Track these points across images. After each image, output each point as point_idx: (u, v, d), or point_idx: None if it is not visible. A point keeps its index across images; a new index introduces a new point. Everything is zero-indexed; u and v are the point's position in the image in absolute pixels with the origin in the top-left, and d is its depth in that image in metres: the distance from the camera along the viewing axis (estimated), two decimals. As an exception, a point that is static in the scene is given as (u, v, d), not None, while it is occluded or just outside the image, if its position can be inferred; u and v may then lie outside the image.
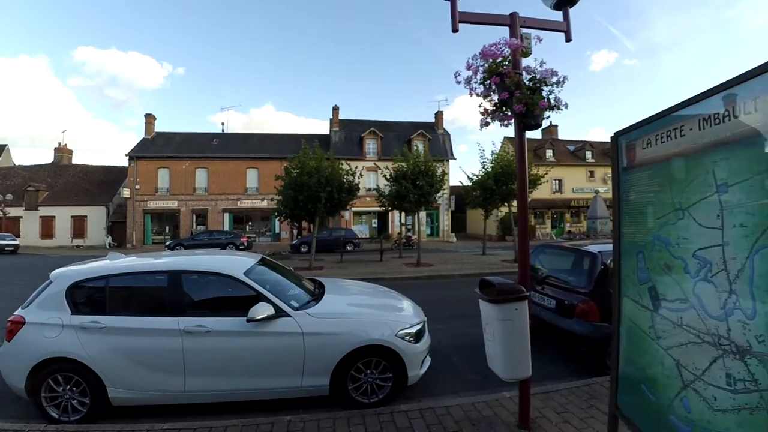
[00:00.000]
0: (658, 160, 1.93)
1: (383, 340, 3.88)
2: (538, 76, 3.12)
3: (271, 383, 3.80)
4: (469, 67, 3.18)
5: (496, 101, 3.20)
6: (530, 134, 3.46)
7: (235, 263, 4.32)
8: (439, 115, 36.92)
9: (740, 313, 1.45)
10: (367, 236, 30.63)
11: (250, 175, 32.98)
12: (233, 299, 4.03)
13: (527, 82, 3.14)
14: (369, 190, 27.33)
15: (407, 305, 4.68)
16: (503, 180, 15.41)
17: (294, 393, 3.85)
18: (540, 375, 4.59)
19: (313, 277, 5.58)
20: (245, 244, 25.25)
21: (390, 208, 16.30)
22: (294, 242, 24.97)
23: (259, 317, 3.62)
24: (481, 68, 3.18)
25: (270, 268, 4.96)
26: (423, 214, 32.87)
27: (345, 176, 14.50)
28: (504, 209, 18.93)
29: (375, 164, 30.36)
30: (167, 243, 26.31)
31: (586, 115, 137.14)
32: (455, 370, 4.95)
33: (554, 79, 3.10)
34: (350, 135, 34.26)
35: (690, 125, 1.70)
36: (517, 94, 2.94)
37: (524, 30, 3.37)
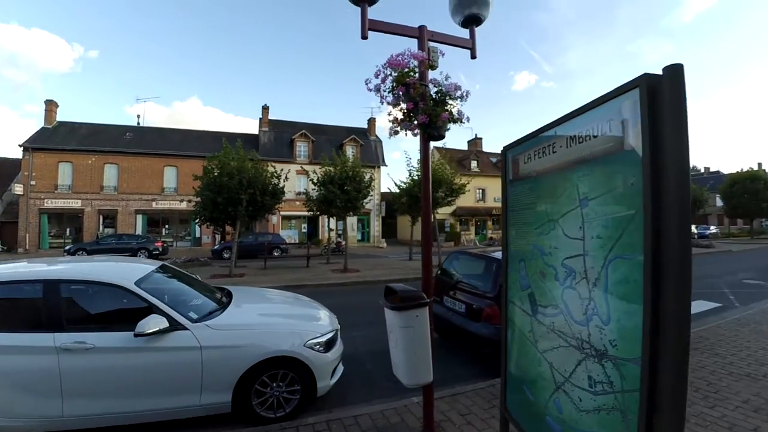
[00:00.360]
0: (536, 174, 2.05)
1: (290, 351, 3.74)
2: (443, 89, 3.22)
3: (165, 403, 3.48)
4: (377, 75, 3.19)
5: (405, 110, 3.25)
6: (456, 145, 3.59)
7: (126, 271, 3.91)
8: (371, 121, 37.32)
9: (598, 318, 1.56)
10: (297, 241, 29.93)
11: (168, 174, 30.52)
12: (122, 312, 3.64)
13: (433, 95, 3.23)
14: (299, 193, 26.79)
15: (320, 313, 4.58)
16: (429, 187, 15.86)
17: (193, 412, 3.56)
18: (450, 377, 4.75)
19: (223, 286, 5.25)
20: (160, 249, 23.24)
21: (317, 213, 16.05)
22: (216, 247, 23.55)
23: (149, 331, 3.29)
24: (389, 77, 3.20)
25: (171, 276, 4.59)
26: (354, 220, 33.07)
27: (269, 178, 13.97)
28: (438, 216, 19.52)
29: (302, 168, 29.80)
30: (67, 248, 23.34)
31: (510, 129, 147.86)
32: (370, 377, 4.93)
33: (458, 93, 3.21)
34: (280, 136, 33.25)
35: (560, 143, 1.82)
36: (421, 105, 3.00)
37: (432, 44, 3.47)
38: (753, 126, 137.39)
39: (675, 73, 1.24)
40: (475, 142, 44.03)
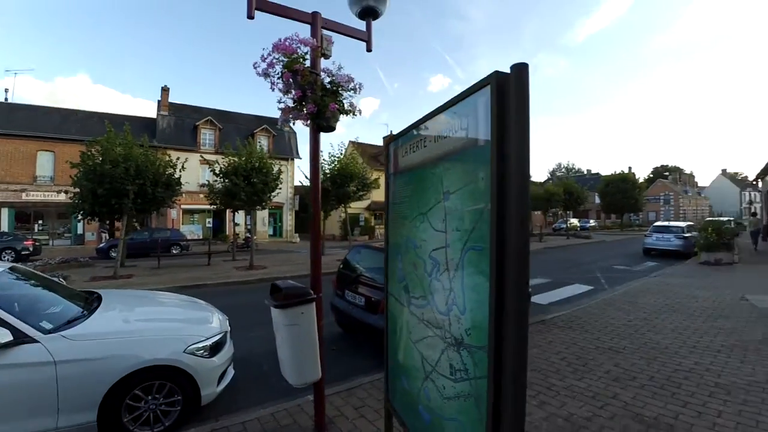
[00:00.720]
0: (411, 168, 2.06)
1: (167, 359, 3.39)
2: (335, 80, 3.14)
3: (10, 431, 2.93)
4: (264, 59, 2.99)
5: (295, 99, 3.11)
6: (371, 140, 3.49)
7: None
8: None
9: (456, 308, 1.60)
10: (200, 237, 27.74)
11: (43, 160, 25.97)
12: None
13: (327, 85, 3.13)
14: (202, 185, 24.73)
15: (207, 315, 4.24)
16: (339, 182, 15.80)
17: (49, 437, 3.05)
18: (351, 371, 4.75)
19: (93, 290, 4.62)
20: (30, 249, 19.86)
21: (220, 206, 14.96)
22: (102, 245, 20.85)
23: (-15, 347, 2.74)
24: (278, 62, 3.03)
25: (23, 279, 3.93)
26: (265, 214, 31.69)
27: (164, 168, 12.63)
28: (349, 210, 19.49)
29: (202, 157, 27.34)
30: None
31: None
32: (265, 379, 4.71)
33: (351, 85, 3.15)
34: (183, 122, 30.34)
35: (429, 138, 1.84)
36: (309, 94, 2.89)
37: (326, 32, 3.37)
38: (626, 135, 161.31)
39: (521, 71, 1.29)
40: (390, 139, 44.84)
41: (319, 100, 2.89)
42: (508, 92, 1.29)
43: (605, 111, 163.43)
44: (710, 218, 23.46)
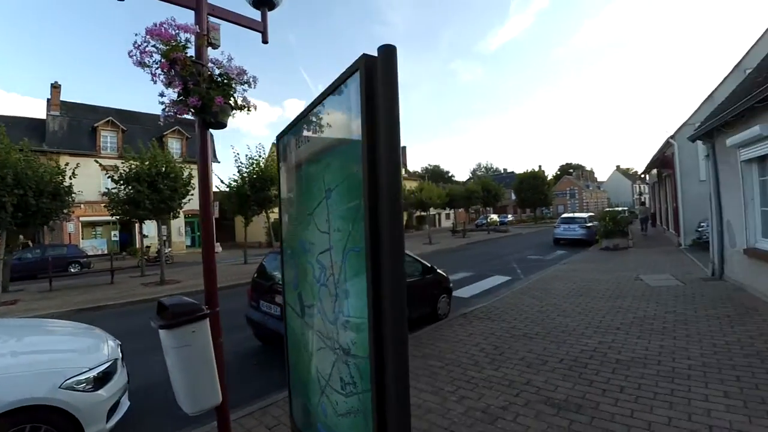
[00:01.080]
0: (298, 164, 1.89)
1: (37, 399, 2.87)
2: (225, 72, 2.86)
3: None
4: (138, 47, 2.62)
5: (179, 91, 2.78)
6: None
7: None
8: (199, 113, 33.59)
9: (342, 316, 1.45)
10: (106, 252, 24.93)
11: None
12: None
13: (217, 77, 2.85)
14: (105, 194, 22.27)
15: (93, 343, 3.70)
16: (259, 186, 15.07)
17: None
18: (270, 386, 4.44)
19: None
20: None
21: (123, 217, 13.41)
22: (-22, 268, 17.86)
23: None
24: (155, 51, 2.67)
25: None
26: (181, 223, 29.31)
27: (49, 175, 10.97)
28: (273, 215, 18.67)
29: (98, 162, 24.76)
30: None
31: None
32: (168, 407, 4.20)
33: (243, 78, 2.90)
34: (79, 123, 26.84)
35: (312, 131, 1.68)
36: (191, 86, 2.58)
37: (214, 20, 3.07)
38: (537, 136, 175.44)
39: (388, 53, 1.18)
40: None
41: (204, 93, 2.60)
42: (377, 77, 1.17)
43: (519, 114, 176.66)
44: (608, 209, 26.28)
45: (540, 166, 64.92)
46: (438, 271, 7.14)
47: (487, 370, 4.42)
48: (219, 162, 31.78)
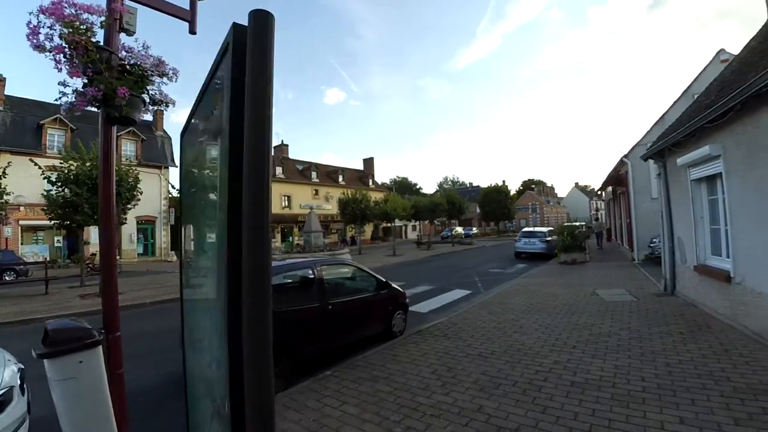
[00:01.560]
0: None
1: None
2: (139, 62, 2.51)
3: None
4: (32, 27, 2.24)
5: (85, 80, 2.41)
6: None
7: None
8: (159, 113, 32.21)
9: (215, 362, 1.14)
10: (47, 259, 23.09)
11: None
12: None
13: (128, 66, 2.49)
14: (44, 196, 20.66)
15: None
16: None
17: None
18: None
19: None
20: None
21: (62, 221, 12.32)
22: None
23: None
24: (56, 33, 2.30)
25: None
26: (133, 229, 27.64)
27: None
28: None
29: (34, 164, 23.15)
30: None
31: (320, 140, 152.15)
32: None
33: (161, 70, 2.56)
34: (23, 120, 24.92)
35: (200, 124, 1.38)
36: (91, 74, 2.22)
37: (132, 3, 2.72)
38: (501, 152, 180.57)
39: (261, 20, 0.89)
40: (281, 148, 43.36)
41: (106, 82, 2.24)
42: (247, 50, 0.89)
43: (485, 130, 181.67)
44: (567, 223, 27.08)
45: (504, 181, 66.79)
46: (393, 286, 6.88)
47: (436, 395, 4.15)
48: (176, 166, 30.38)
